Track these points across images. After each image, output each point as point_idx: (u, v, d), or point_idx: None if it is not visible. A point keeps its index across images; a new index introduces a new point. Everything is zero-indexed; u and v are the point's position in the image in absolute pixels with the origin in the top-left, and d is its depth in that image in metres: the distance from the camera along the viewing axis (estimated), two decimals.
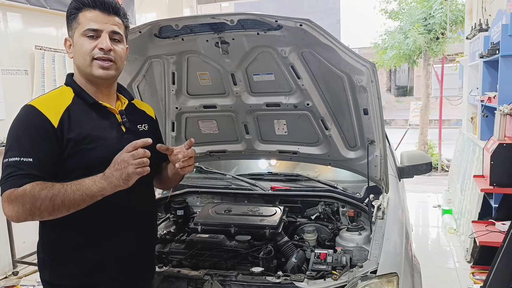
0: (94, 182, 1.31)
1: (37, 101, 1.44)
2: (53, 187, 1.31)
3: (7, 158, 1.34)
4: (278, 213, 2.27)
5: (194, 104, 2.29)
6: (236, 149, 2.45)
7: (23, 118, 1.40)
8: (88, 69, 1.46)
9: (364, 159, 2.21)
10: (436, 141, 8.54)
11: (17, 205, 1.29)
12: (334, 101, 2.10)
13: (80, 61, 1.46)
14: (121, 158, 1.31)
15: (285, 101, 2.16)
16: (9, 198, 1.30)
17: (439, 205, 5.82)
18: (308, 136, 2.30)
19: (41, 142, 1.36)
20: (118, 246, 1.52)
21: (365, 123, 2.09)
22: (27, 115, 1.40)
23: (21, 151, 1.34)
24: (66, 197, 1.30)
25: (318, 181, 2.57)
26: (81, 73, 1.50)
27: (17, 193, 1.29)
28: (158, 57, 2.10)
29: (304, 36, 1.82)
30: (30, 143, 1.35)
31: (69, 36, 1.50)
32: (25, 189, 1.29)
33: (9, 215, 1.32)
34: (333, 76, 1.99)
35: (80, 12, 1.46)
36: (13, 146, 1.36)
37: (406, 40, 8.54)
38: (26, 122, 1.39)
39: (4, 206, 1.31)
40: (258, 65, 2.06)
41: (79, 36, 1.44)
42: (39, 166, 1.35)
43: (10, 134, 1.40)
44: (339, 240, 2.17)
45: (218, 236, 2.12)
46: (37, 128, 1.37)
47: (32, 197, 1.28)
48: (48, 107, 1.41)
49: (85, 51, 1.44)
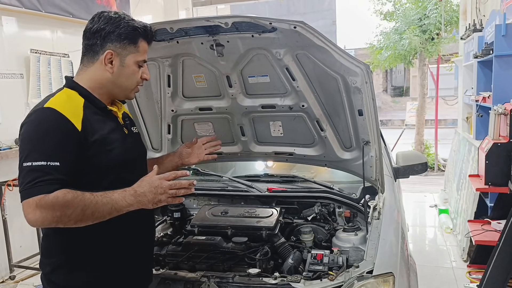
0: (123, 197, 1.37)
1: (55, 103, 1.40)
2: (84, 197, 1.31)
3: (29, 162, 1.31)
4: (274, 215, 2.27)
5: (190, 107, 2.29)
6: (232, 151, 2.45)
7: (46, 121, 1.37)
8: (127, 92, 1.58)
9: (360, 160, 2.22)
10: (432, 141, 8.57)
11: (46, 211, 1.27)
12: (329, 102, 2.11)
13: (124, 83, 1.54)
14: (160, 184, 1.40)
15: (281, 102, 2.17)
16: (39, 204, 1.27)
17: (435, 204, 5.85)
18: (304, 137, 2.31)
19: (67, 145, 1.36)
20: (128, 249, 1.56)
21: (360, 124, 2.10)
22: (50, 118, 1.37)
23: (46, 155, 1.32)
24: (97, 209, 1.33)
25: (314, 182, 2.57)
26: (111, 89, 1.53)
27: (49, 200, 1.27)
28: (153, 60, 2.11)
29: (298, 38, 1.83)
30: (56, 147, 1.34)
31: (113, 50, 1.49)
32: (57, 196, 1.27)
33: (33, 220, 1.28)
34: (327, 78, 2.00)
35: (140, 40, 1.52)
36: (36, 149, 1.32)
37: (402, 40, 8.58)
38: (50, 125, 1.36)
39: (29, 211, 1.28)
40: (253, 67, 2.07)
41: (134, 62, 1.52)
42: (66, 170, 1.33)
43: (30, 137, 1.36)
44: (336, 241, 2.17)
45: (215, 238, 2.12)
46: (62, 131, 1.36)
47: (64, 205, 1.28)
48: (69, 110, 1.40)
49: (136, 79, 1.55)
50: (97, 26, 1.49)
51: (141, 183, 1.42)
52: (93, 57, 1.51)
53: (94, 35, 1.49)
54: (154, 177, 1.43)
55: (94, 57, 1.51)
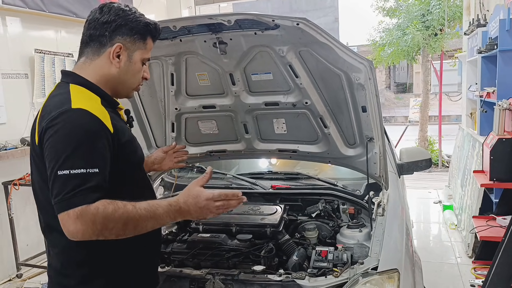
0: (168, 213, 1.31)
1: (82, 103, 1.30)
2: (126, 211, 1.24)
3: (66, 170, 1.19)
4: (278, 212, 2.27)
5: (193, 105, 2.30)
6: (236, 148, 2.46)
7: (80, 124, 1.26)
8: (129, 90, 1.51)
9: (363, 157, 2.22)
10: (436, 137, 8.54)
11: (86, 223, 1.18)
12: (333, 99, 2.11)
13: (129, 80, 1.46)
14: (207, 205, 1.37)
15: (284, 100, 2.17)
16: (80, 215, 1.18)
17: (440, 201, 5.84)
18: (307, 134, 2.31)
19: (103, 150, 1.27)
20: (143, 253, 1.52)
21: (364, 120, 2.10)
22: (84, 120, 1.27)
23: (85, 161, 1.22)
24: (139, 224, 1.27)
25: (318, 179, 2.57)
26: (114, 85, 1.45)
27: (90, 211, 1.18)
28: (156, 58, 2.11)
29: (301, 35, 1.83)
30: (93, 152, 1.24)
31: (123, 43, 1.40)
32: (98, 208, 1.19)
33: (74, 232, 1.19)
34: (331, 74, 2.00)
35: (149, 37, 1.47)
36: (73, 155, 1.21)
37: (404, 37, 8.54)
38: (85, 128, 1.25)
39: (69, 223, 1.19)
40: (256, 64, 2.07)
41: (140, 59, 1.46)
42: (105, 176, 1.26)
43: (64, 142, 1.23)
44: (340, 238, 2.17)
45: (220, 235, 2.13)
46: (98, 135, 1.27)
47: (106, 218, 1.20)
48: (98, 111, 1.31)
49: (140, 76, 1.49)
50: (107, 17, 1.39)
51: (187, 199, 1.35)
52: (99, 49, 1.40)
53: (102, 26, 1.38)
54: (201, 196, 1.37)
55: (100, 49, 1.40)
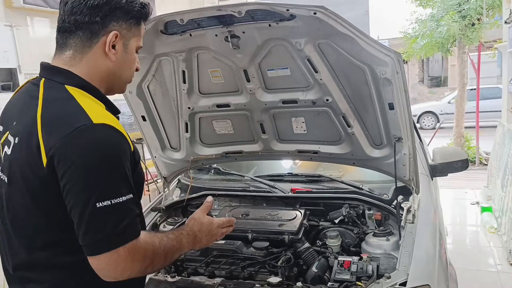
0: (188, 243, 1.29)
1: (104, 117, 1.09)
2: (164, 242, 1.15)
3: (108, 200, 1.01)
4: (298, 217, 2.13)
5: (207, 104, 2.17)
6: (252, 149, 2.32)
7: (110, 144, 1.07)
8: (123, 86, 1.30)
9: (391, 158, 2.03)
10: (473, 133, 8.10)
11: (138, 260, 1.05)
12: (356, 95, 1.93)
13: (125, 74, 1.25)
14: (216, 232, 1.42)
15: (303, 97, 2.01)
16: (133, 251, 1.04)
17: (477, 202, 5.48)
18: (329, 134, 2.14)
19: (129, 171, 1.10)
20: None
21: (391, 118, 1.91)
22: (115, 141, 1.08)
23: (124, 187, 1.06)
24: (173, 255, 1.21)
25: (342, 181, 2.40)
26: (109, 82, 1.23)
27: (141, 245, 1.06)
28: (166, 55, 2.00)
29: (320, 26, 1.66)
30: (127, 175, 1.08)
31: (119, 31, 1.17)
32: (146, 241, 1.08)
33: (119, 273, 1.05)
34: (353, 69, 1.82)
35: (142, 22, 1.25)
36: (112, 182, 1.04)
37: (439, 28, 8.12)
38: (118, 150, 1.08)
39: (118, 262, 1.03)
40: (272, 59, 1.91)
41: (135, 47, 1.25)
42: (136, 200, 1.11)
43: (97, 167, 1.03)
44: (365, 246, 2.00)
45: (235, 242, 2.01)
46: (127, 155, 1.10)
47: (154, 252, 1.10)
48: (120, 126, 1.11)
49: (134, 69, 1.27)
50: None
51: (201, 227, 1.36)
52: (91, 40, 1.15)
53: (92, 10, 1.13)
54: (213, 223, 1.41)
55: (91, 40, 1.16)
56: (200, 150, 2.39)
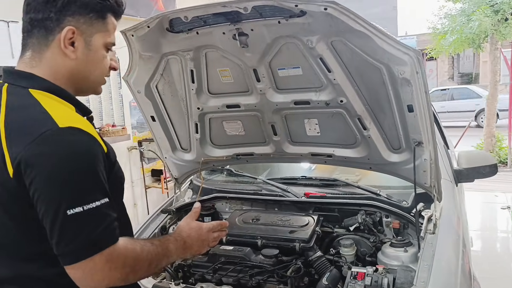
0: (176, 249, 1.23)
1: (71, 120, 1.04)
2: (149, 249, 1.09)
3: (79, 206, 0.96)
4: (310, 224, 2.03)
5: (217, 104, 2.09)
6: (264, 151, 2.22)
7: (80, 148, 1.01)
8: (95, 86, 1.21)
9: (410, 163, 1.90)
10: (505, 133, 7.72)
11: (117, 268, 1.00)
12: (372, 97, 1.81)
13: (93, 74, 1.16)
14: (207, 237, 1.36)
15: (316, 98, 1.90)
16: (110, 259, 0.98)
17: (508, 206, 5.20)
18: (344, 137, 2.02)
19: (104, 173, 1.05)
20: None
21: (410, 121, 1.78)
22: (83, 143, 1.02)
23: (97, 191, 1.01)
24: (159, 262, 1.14)
25: (358, 186, 2.27)
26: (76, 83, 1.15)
27: (120, 252, 1.00)
28: (174, 53, 1.93)
29: (332, 22, 1.55)
30: (99, 178, 1.02)
31: (75, 26, 1.09)
32: (126, 246, 1.02)
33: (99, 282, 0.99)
34: (369, 68, 1.70)
35: (109, 15, 1.16)
36: (83, 186, 0.99)
37: (470, 23, 7.76)
38: (87, 153, 1.02)
39: (95, 270, 0.97)
40: (283, 58, 1.81)
41: (103, 44, 1.15)
42: (113, 204, 1.05)
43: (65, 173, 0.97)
44: (381, 257, 1.88)
45: (243, 249, 1.93)
46: (98, 157, 1.04)
47: (135, 259, 1.04)
48: (89, 128, 1.06)
49: (105, 67, 1.18)
50: None
51: (190, 233, 1.30)
52: (46, 38, 1.09)
53: (45, 6, 1.07)
54: (203, 228, 1.35)
55: (47, 38, 1.09)
56: (210, 151, 2.32)
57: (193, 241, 1.29)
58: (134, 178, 5.01)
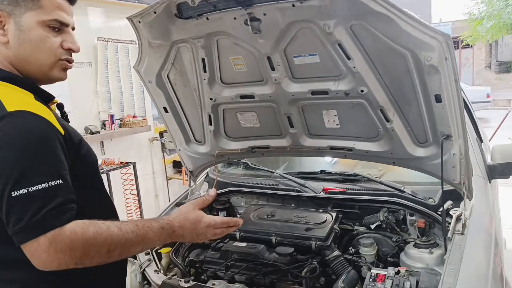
0: (159, 237, 1.18)
1: (21, 103, 1.05)
2: (111, 233, 1.05)
3: (24, 188, 0.97)
4: (328, 221, 1.92)
5: (230, 94, 2.00)
6: (280, 144, 2.11)
7: (28, 130, 1.02)
8: (47, 69, 1.17)
9: (438, 158, 1.74)
10: None
11: (63, 251, 0.98)
12: (396, 86, 1.66)
13: (33, 55, 1.14)
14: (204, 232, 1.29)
15: (334, 87, 1.77)
16: (54, 241, 0.97)
17: None
18: (365, 129, 1.89)
19: (60, 156, 1.05)
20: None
21: (438, 113, 1.63)
22: (31, 125, 1.03)
23: (45, 172, 1.00)
24: (126, 249, 1.10)
25: (381, 182, 2.13)
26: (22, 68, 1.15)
27: (65, 235, 0.99)
28: (184, 41, 1.84)
29: (350, 4, 1.42)
30: (51, 160, 1.03)
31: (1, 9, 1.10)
32: (75, 230, 1.00)
33: (47, 262, 0.99)
34: (393, 55, 1.56)
35: None
36: (29, 168, 0.99)
37: (508, 7, 7.32)
38: (35, 134, 1.03)
39: (40, 251, 0.97)
40: (299, 44, 1.69)
41: (37, 23, 1.12)
42: (70, 188, 1.05)
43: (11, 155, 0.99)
44: (404, 258, 1.75)
45: (257, 246, 1.86)
46: (51, 139, 1.05)
47: (86, 243, 1.01)
48: (41, 110, 1.07)
49: (50, 48, 1.15)
50: None
51: (183, 224, 1.24)
52: None
53: None
54: (201, 222, 1.28)
55: None
56: (225, 144, 2.23)
57: (185, 232, 1.24)
58: (155, 169, 5.01)
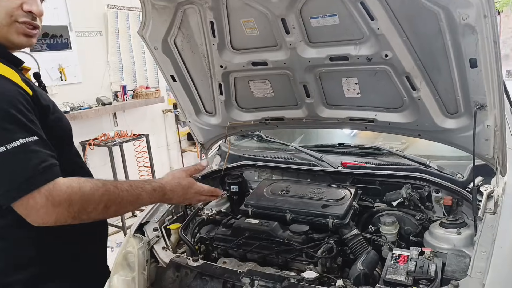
0: (150, 199, 1.25)
1: None
2: (107, 190, 1.10)
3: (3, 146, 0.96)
4: (346, 198, 1.81)
5: (241, 61, 1.85)
6: (295, 115, 1.98)
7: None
8: (4, 32, 1.13)
9: (469, 131, 1.59)
10: None
11: (61, 204, 1.00)
12: (425, 50, 1.50)
13: None
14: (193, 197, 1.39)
15: (355, 52, 1.61)
16: (50, 194, 0.98)
17: None
18: (389, 99, 1.73)
19: (30, 115, 1.05)
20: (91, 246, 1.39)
21: (472, 79, 1.46)
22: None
23: (16, 130, 0.99)
24: (121, 206, 1.15)
25: (404, 156, 1.99)
26: None
27: (62, 188, 1.00)
28: (190, 2, 1.69)
29: None
30: (20, 118, 1.01)
31: None
32: (71, 185, 1.02)
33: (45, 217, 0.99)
34: (422, 13, 1.39)
35: None
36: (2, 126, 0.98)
37: None
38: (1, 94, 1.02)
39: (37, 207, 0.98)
40: (316, 4, 1.53)
41: None
42: (47, 143, 1.05)
43: None
44: (429, 238, 1.64)
45: (270, 223, 1.77)
46: (16, 98, 1.03)
47: (83, 198, 1.04)
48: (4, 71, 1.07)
49: (6, 7, 1.11)
50: None
51: (174, 188, 1.31)
52: None
53: None
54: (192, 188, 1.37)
55: None
56: (237, 115, 2.10)
57: (174, 196, 1.31)
58: (170, 141, 4.94)
